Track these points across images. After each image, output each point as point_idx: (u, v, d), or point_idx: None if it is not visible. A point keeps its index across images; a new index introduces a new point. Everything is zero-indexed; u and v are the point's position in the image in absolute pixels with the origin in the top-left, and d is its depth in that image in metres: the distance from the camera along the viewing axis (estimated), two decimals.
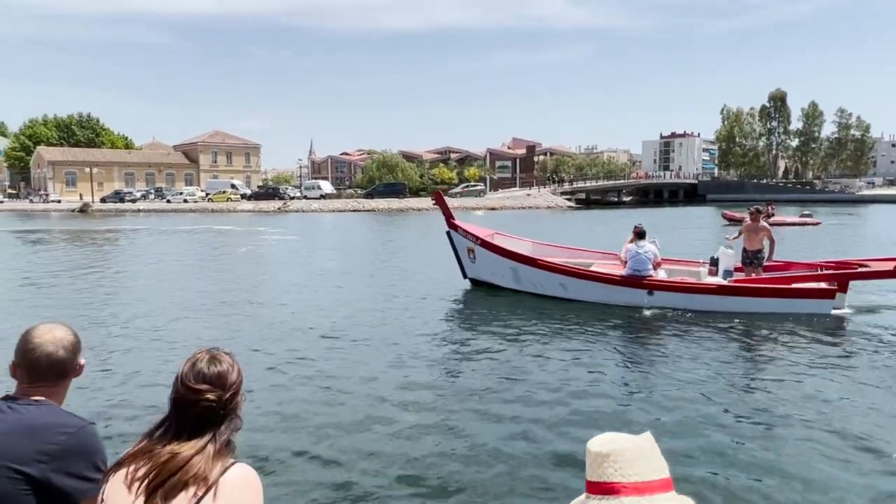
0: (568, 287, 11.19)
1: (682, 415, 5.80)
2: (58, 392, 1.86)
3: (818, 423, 5.58)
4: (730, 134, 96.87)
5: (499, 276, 12.29)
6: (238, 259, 20.76)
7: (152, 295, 12.83)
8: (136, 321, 10.09)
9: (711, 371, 7.17)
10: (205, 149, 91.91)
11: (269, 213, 55.76)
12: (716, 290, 10.37)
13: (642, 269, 10.58)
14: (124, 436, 5.01)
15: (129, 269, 17.47)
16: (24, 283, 14.59)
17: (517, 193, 71.56)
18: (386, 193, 66.28)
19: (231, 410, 1.59)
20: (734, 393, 6.45)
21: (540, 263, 11.72)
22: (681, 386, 6.61)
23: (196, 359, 1.61)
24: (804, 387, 6.64)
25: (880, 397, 6.27)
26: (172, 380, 1.58)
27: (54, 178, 78.64)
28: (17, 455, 1.67)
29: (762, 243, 11.18)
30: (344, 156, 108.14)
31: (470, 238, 12.66)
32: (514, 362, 7.64)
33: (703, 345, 8.35)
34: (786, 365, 7.48)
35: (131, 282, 14.97)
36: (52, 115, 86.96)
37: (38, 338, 1.83)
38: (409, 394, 6.47)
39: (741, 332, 9.02)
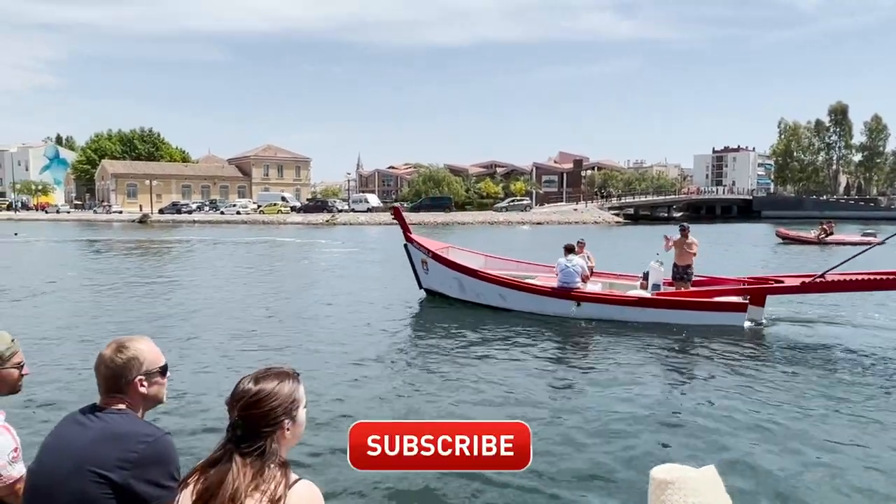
0: (506, 298, 11.90)
1: (597, 416, 6.32)
2: (134, 402, 1.95)
3: (716, 426, 6.06)
4: (787, 148, 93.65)
5: (447, 287, 13.03)
6: (305, 270, 21.26)
7: (219, 307, 13.11)
8: (205, 333, 10.25)
9: (623, 374, 7.81)
10: (257, 162, 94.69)
11: (317, 225, 56.87)
12: (637, 303, 10.95)
13: (570, 282, 11.27)
14: (196, 448, 5.12)
15: (194, 281, 17.96)
16: (93, 293, 15.18)
17: (564, 208, 70.84)
18: (432, 207, 66.67)
19: (262, 431, 1.57)
20: (642, 395, 6.98)
21: (481, 275, 12.46)
22: (600, 390, 7.23)
23: (246, 376, 1.63)
24: (704, 390, 7.29)
25: (774, 399, 6.83)
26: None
27: (117, 190, 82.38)
28: (102, 461, 1.79)
29: (691, 259, 11.74)
30: (391, 169, 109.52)
31: (423, 251, 13.38)
32: (451, 367, 8.12)
33: (621, 352, 8.97)
34: (692, 370, 8.19)
35: (197, 293, 15.35)
36: (117, 130, 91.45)
37: (103, 352, 1.95)
38: (356, 389, 7.14)
39: (656, 342, 9.54)
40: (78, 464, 1.81)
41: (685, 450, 5.41)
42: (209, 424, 5.82)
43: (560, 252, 11.76)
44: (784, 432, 5.80)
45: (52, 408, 6.17)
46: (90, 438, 1.84)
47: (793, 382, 7.52)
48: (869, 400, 6.84)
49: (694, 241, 11.75)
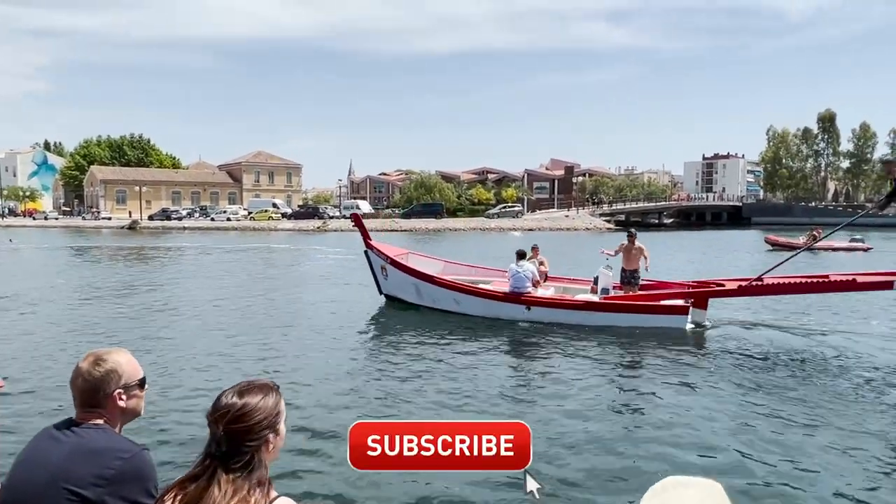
0: (460, 302, 12.26)
1: (544, 412, 6.66)
2: (112, 417, 1.91)
3: (657, 422, 6.43)
4: (776, 155, 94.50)
5: (405, 292, 13.29)
6: (291, 277, 21.09)
7: (202, 316, 12.95)
8: (186, 343, 10.12)
9: (569, 377, 8.14)
10: (248, 168, 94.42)
11: (308, 231, 56.68)
12: (584, 307, 11.35)
13: (521, 287, 11.60)
14: (173, 462, 5.03)
15: (180, 289, 17.76)
16: (79, 301, 14.97)
17: (555, 215, 71.06)
18: (423, 213, 66.67)
19: (245, 446, 1.55)
20: (585, 397, 7.27)
21: (436, 281, 12.76)
22: (544, 386, 7.72)
23: (227, 390, 1.61)
24: (644, 389, 7.66)
25: (710, 396, 7.26)
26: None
27: (106, 196, 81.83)
28: (76, 478, 1.75)
29: (638, 263, 12.13)
30: (382, 176, 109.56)
31: (382, 257, 13.68)
32: (405, 370, 8.39)
33: (569, 355, 9.34)
34: (633, 371, 8.61)
35: (181, 302, 15.17)
36: (106, 136, 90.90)
37: (77, 366, 1.91)
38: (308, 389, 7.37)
39: (601, 345, 9.93)
40: (52, 480, 1.76)
41: (628, 445, 5.69)
42: (188, 438, 5.69)
43: (555, 260, 11.85)
44: (721, 429, 6.15)
45: (28, 422, 6.00)
46: (65, 454, 1.79)
47: (730, 381, 7.92)
48: (797, 395, 7.31)
49: (641, 246, 12.16)
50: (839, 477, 5.06)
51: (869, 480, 5.02)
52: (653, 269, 12.67)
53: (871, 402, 7.11)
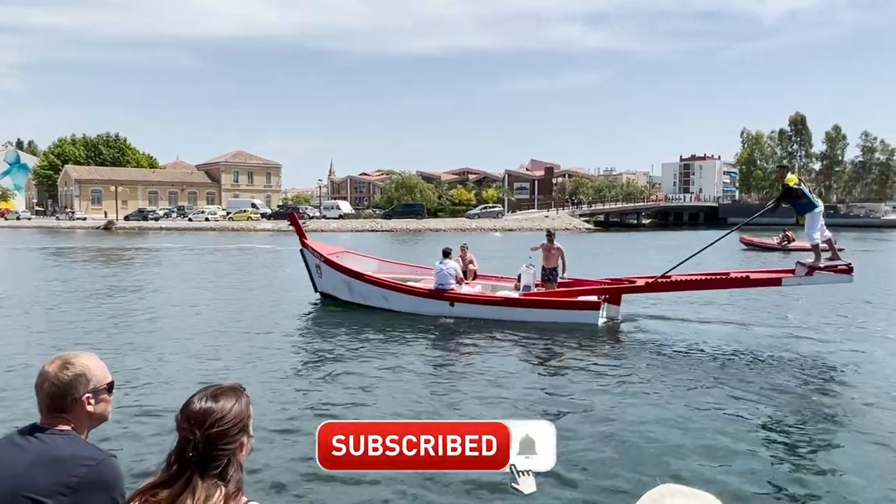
0: (389, 299, 12.72)
1: (468, 408, 6.98)
2: (80, 422, 1.85)
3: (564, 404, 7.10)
4: (750, 157, 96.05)
5: (338, 290, 13.72)
6: (262, 276, 20.94)
7: (179, 319, 12.89)
8: (155, 345, 10.07)
9: (487, 368, 8.67)
10: (227, 168, 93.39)
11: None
12: (503, 303, 11.93)
13: (445, 284, 12.12)
14: (141, 469, 4.99)
15: (152, 290, 17.62)
16: (49, 304, 14.76)
17: (535, 215, 71.44)
18: (404, 214, 66.62)
19: (219, 450, 1.54)
20: (500, 388, 7.74)
21: (366, 278, 13.24)
22: (463, 377, 8.27)
23: (195, 394, 1.58)
24: (554, 380, 8.25)
25: (620, 384, 7.90)
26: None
27: (80, 196, 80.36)
28: (39, 486, 1.68)
29: (557, 261, 12.84)
30: (363, 176, 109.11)
31: (317, 256, 14.07)
32: (328, 368, 8.73)
33: (487, 349, 9.93)
34: (547, 363, 9.15)
35: (151, 303, 15.07)
36: (81, 135, 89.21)
37: (43, 370, 1.85)
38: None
39: (518, 339, 10.46)
40: (14, 489, 1.70)
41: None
42: (154, 442, 5.66)
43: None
44: (627, 414, 6.70)
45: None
46: (28, 462, 1.73)
47: (637, 369, 8.58)
48: (698, 383, 7.98)
49: (560, 246, 12.90)
50: (735, 455, 5.62)
51: (754, 456, 5.63)
52: (634, 267, 13.37)
53: (761, 382, 7.94)
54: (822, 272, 10.46)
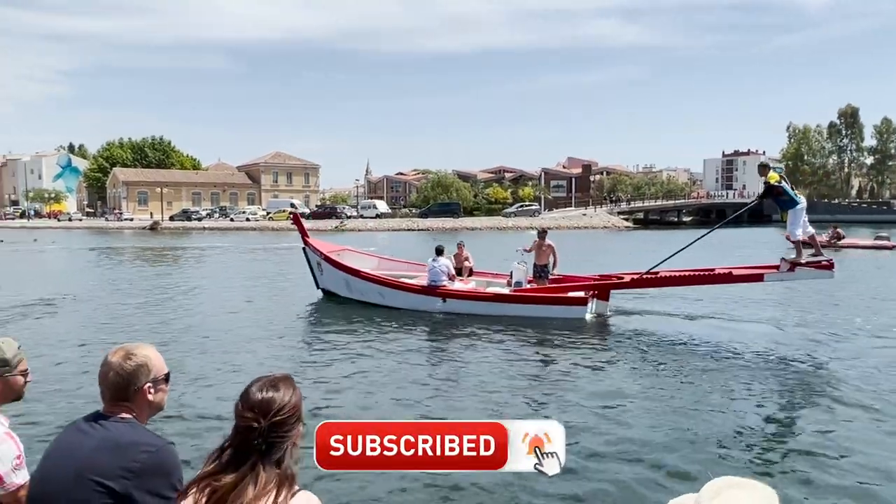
0: (384, 295, 13.05)
1: (458, 402, 7.09)
2: (140, 410, 1.95)
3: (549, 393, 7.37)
4: (797, 152, 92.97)
5: (338, 287, 14.10)
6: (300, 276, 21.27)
7: (227, 314, 13.22)
8: (210, 341, 10.34)
9: (478, 362, 8.91)
10: (266, 169, 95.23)
11: (326, 231, 56.99)
12: (494, 298, 12.22)
13: (437, 280, 12.45)
14: (195, 458, 5.17)
15: (198, 288, 18.04)
16: (103, 301, 15.27)
17: (572, 213, 70.70)
18: (440, 213, 66.70)
19: (280, 438, 1.58)
20: (488, 382, 7.89)
21: (363, 275, 13.58)
22: (452, 372, 8.41)
23: (252, 384, 1.63)
24: (541, 373, 8.46)
25: (607, 377, 8.09)
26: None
27: (128, 198, 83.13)
28: (103, 470, 1.78)
29: (548, 258, 13.07)
30: (399, 176, 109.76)
31: (317, 254, 14.44)
32: (325, 360, 9.03)
33: (478, 344, 10.13)
34: (538, 357, 9.36)
35: (196, 300, 15.48)
36: (128, 139, 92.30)
37: (107, 359, 1.95)
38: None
39: (507, 333, 10.67)
40: (80, 472, 1.79)
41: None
42: (205, 433, 5.79)
43: (581, 256, 12.44)
44: (615, 406, 6.81)
45: (54, 415, 6.19)
46: (92, 447, 1.83)
47: (623, 364, 8.77)
48: (683, 375, 8.15)
49: (551, 243, 13.16)
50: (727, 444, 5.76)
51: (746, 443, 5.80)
52: (674, 265, 12.95)
53: (749, 374, 8.16)
54: (804, 268, 10.58)
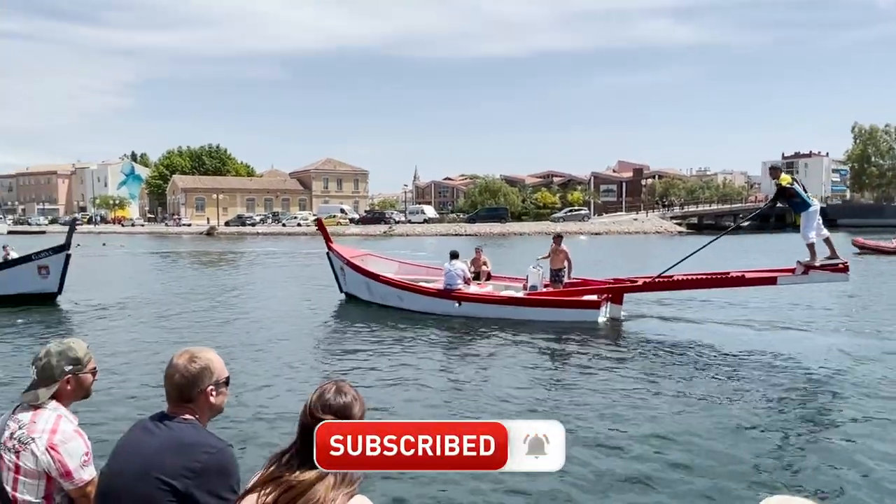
0: (403, 299, 13.37)
1: (474, 404, 7.19)
2: (202, 412, 2.03)
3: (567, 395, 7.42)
4: (863, 153, 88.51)
5: (359, 290, 14.53)
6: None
7: (263, 316, 13.53)
8: (268, 347, 10.52)
9: (485, 361, 9.23)
10: (317, 175, 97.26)
11: (375, 236, 57.73)
12: (507, 301, 12.39)
13: (453, 284, 12.70)
14: (254, 460, 5.23)
15: (253, 291, 18.56)
16: (165, 303, 15.83)
17: (623, 218, 69.28)
18: (488, 218, 66.56)
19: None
20: (504, 382, 8.03)
21: (382, 279, 13.92)
22: (466, 374, 8.51)
23: (324, 389, 1.71)
24: (552, 376, 8.49)
25: (617, 380, 8.06)
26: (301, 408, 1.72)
27: (186, 204, 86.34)
28: (167, 468, 1.85)
29: (563, 263, 13.34)
30: (447, 181, 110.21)
31: (340, 259, 14.92)
32: (343, 360, 9.39)
33: (492, 347, 10.33)
34: (544, 359, 9.46)
35: (252, 304, 15.84)
36: (186, 147, 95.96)
37: (172, 362, 2.03)
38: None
39: (520, 336, 10.76)
40: (145, 469, 1.86)
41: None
42: (258, 436, 5.90)
43: (623, 260, 12.34)
44: (622, 410, 6.78)
45: (118, 414, 6.40)
46: (157, 446, 1.90)
47: (635, 367, 8.72)
48: (694, 380, 8.09)
49: (566, 249, 13.46)
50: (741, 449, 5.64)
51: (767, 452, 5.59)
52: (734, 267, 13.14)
53: (760, 379, 8.07)
54: (817, 271, 10.59)
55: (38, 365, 2.32)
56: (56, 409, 2.29)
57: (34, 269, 14.86)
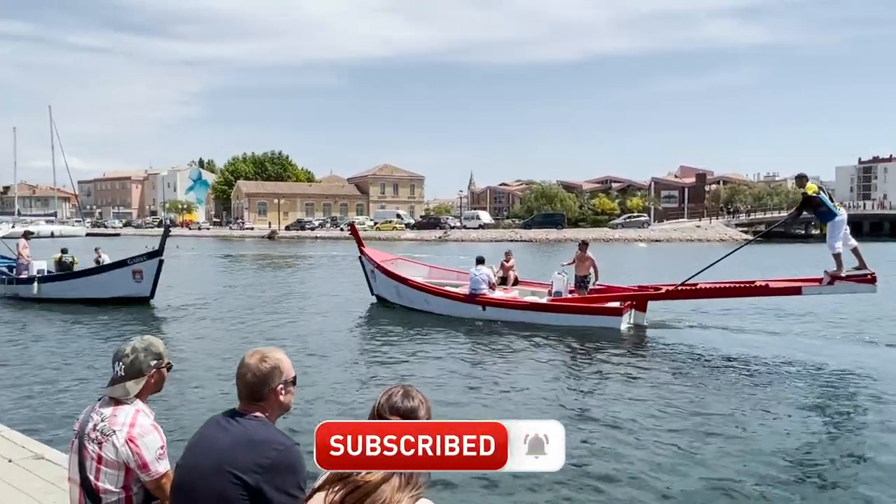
0: (430, 302, 13.78)
1: (485, 393, 7.71)
2: (271, 410, 2.09)
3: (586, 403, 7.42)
4: None
5: (389, 293, 14.98)
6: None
7: (300, 320, 13.86)
8: (334, 349, 10.79)
9: (505, 365, 9.50)
10: (374, 181, 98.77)
11: (430, 241, 57.99)
12: (530, 307, 12.64)
13: (478, 289, 13.00)
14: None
15: (311, 293, 18.96)
16: (230, 304, 16.45)
17: (685, 225, 67.11)
18: (544, 224, 65.78)
19: None
20: (518, 385, 8.25)
21: (410, 283, 14.34)
22: (486, 377, 8.72)
23: (392, 392, 1.77)
24: (571, 381, 8.57)
25: (626, 387, 8.11)
26: (369, 409, 1.78)
27: (249, 208, 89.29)
28: (239, 464, 1.91)
29: (589, 270, 13.38)
30: (502, 186, 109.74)
31: (371, 263, 15.37)
32: (382, 358, 9.83)
33: (512, 350, 10.55)
34: (564, 364, 9.60)
35: (308, 306, 16.20)
36: (250, 153, 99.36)
37: (244, 362, 2.10)
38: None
39: (541, 339, 10.99)
40: (219, 464, 1.94)
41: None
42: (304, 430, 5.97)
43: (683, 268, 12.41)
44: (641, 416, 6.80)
45: (186, 410, 6.70)
46: (230, 441, 1.97)
47: (655, 375, 8.69)
48: (713, 390, 8.00)
49: (591, 256, 13.51)
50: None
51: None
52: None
53: (783, 392, 7.90)
54: (843, 281, 10.49)
55: (124, 361, 2.43)
56: (135, 404, 2.42)
57: (129, 273, 15.34)
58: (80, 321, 13.08)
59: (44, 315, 13.95)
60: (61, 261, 17.53)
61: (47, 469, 4.42)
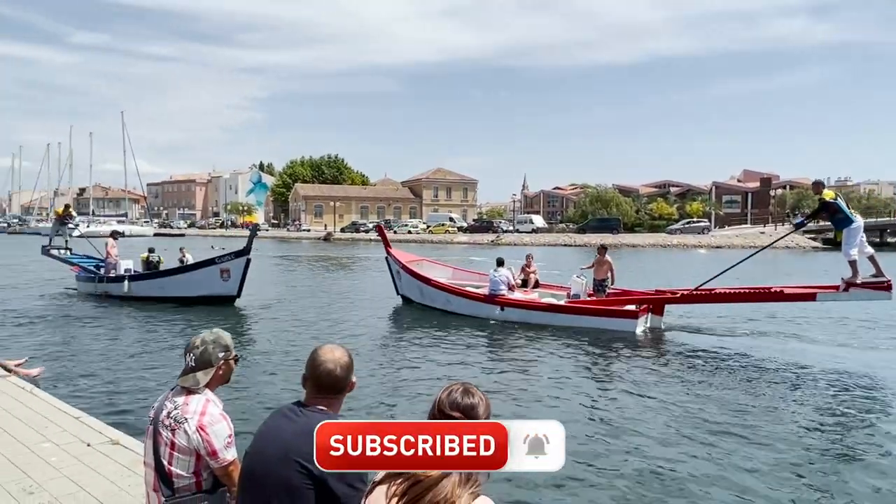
0: (451, 302, 14.19)
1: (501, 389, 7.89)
2: (336, 403, 2.18)
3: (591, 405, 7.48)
4: None
5: (413, 293, 15.44)
6: None
7: (374, 321, 14.08)
8: (392, 347, 11.12)
9: (520, 365, 9.60)
10: (427, 184, 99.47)
11: (482, 245, 57.92)
12: (547, 308, 12.88)
13: (496, 290, 13.31)
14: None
15: (364, 295, 19.26)
16: (294, 304, 16.91)
17: (748, 231, 64.66)
18: (599, 228, 64.63)
19: None
20: (530, 384, 8.44)
21: (433, 283, 14.77)
22: (500, 376, 8.87)
23: (452, 389, 1.80)
24: (584, 382, 8.58)
25: (636, 390, 8.07)
26: (430, 405, 1.81)
27: (306, 210, 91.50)
28: (303, 454, 1.93)
29: (607, 273, 13.57)
30: (556, 190, 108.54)
31: (397, 263, 15.84)
32: (394, 358, 10.00)
33: (528, 350, 10.69)
34: (579, 365, 9.58)
35: (360, 306, 16.53)
36: (308, 157, 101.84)
37: (323, 356, 2.17)
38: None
39: (557, 340, 11.19)
40: (285, 452, 2.01)
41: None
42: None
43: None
44: (652, 417, 6.87)
45: (249, 402, 6.98)
46: (295, 431, 2.03)
47: (669, 379, 8.67)
48: (726, 395, 7.86)
49: (609, 259, 13.71)
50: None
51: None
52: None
53: (794, 398, 7.81)
54: (858, 289, 10.48)
55: (195, 353, 2.56)
56: (205, 394, 2.54)
57: (216, 272, 15.48)
58: (166, 318, 13.61)
59: (132, 312, 14.56)
60: (148, 260, 18.05)
61: (122, 454, 4.66)
